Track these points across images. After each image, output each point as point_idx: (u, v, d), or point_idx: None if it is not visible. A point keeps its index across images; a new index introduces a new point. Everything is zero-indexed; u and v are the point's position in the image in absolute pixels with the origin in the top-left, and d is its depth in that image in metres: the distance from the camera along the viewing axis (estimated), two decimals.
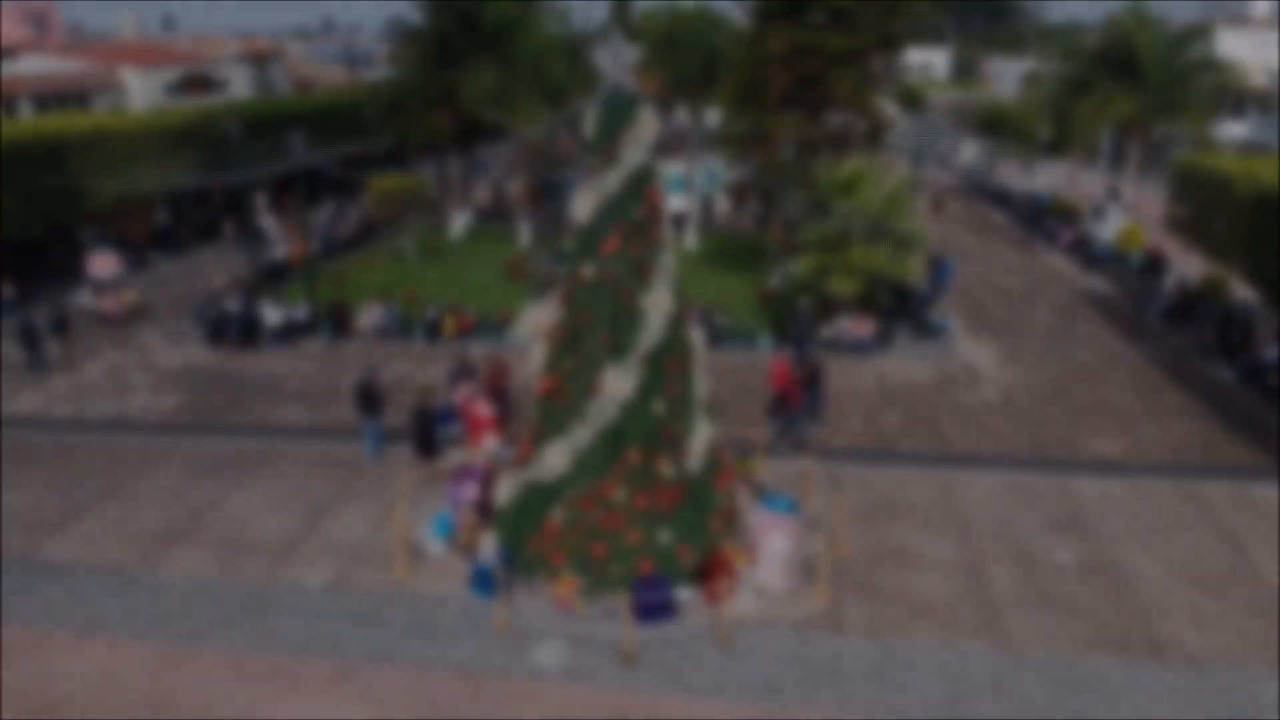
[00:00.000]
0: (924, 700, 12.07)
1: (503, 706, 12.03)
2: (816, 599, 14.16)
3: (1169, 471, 18.23)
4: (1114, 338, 25.98)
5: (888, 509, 16.86)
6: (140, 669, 12.81)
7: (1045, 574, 14.83)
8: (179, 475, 18.38)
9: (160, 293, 32.00)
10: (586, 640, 13.30)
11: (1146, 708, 11.89)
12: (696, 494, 14.78)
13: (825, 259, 24.56)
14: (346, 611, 14.03)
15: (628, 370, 13.96)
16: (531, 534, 14.62)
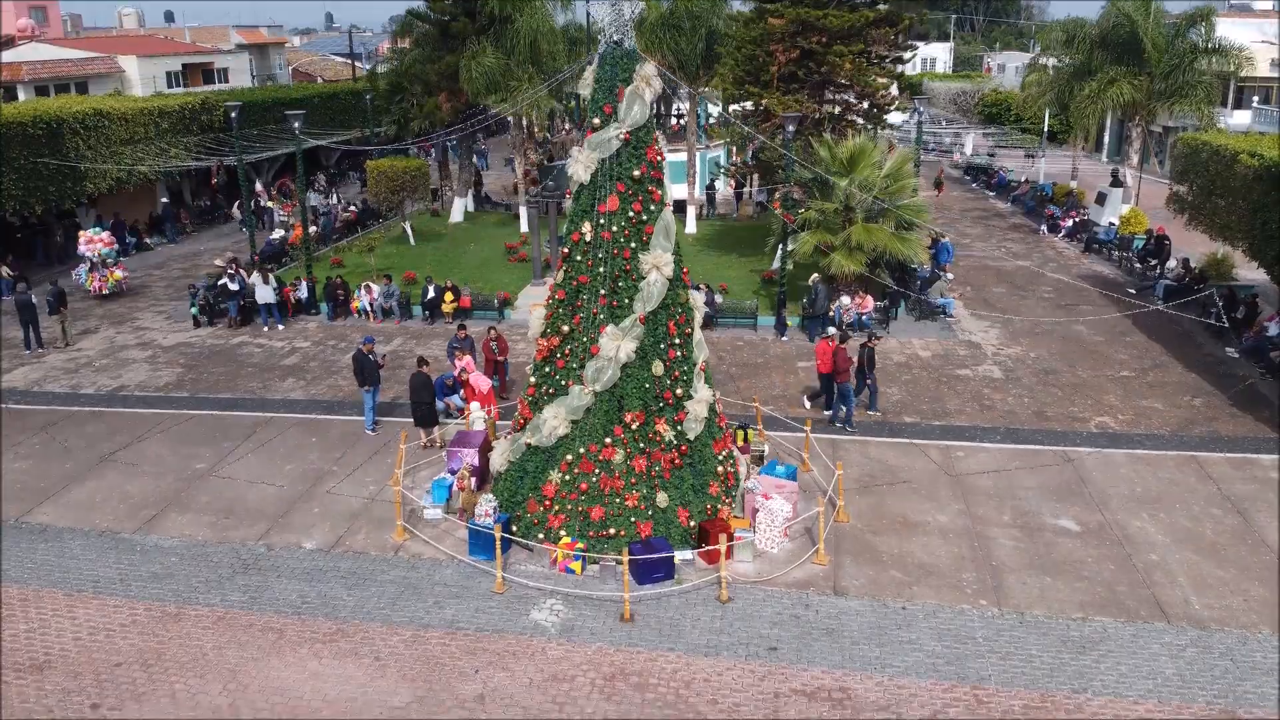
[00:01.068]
0: (925, 659, 11.91)
1: (499, 663, 11.88)
2: (816, 561, 14.01)
3: (1172, 442, 18.07)
4: (1117, 317, 25.80)
5: (888, 478, 16.70)
6: (130, 626, 12.67)
7: (1048, 539, 14.66)
8: (173, 445, 18.24)
9: (158, 274, 31.94)
10: (584, 600, 13.15)
11: (1150, 667, 11.73)
12: (695, 458, 14.64)
13: (827, 237, 24.39)
14: (341, 572, 13.89)
15: (627, 332, 13.83)
16: (529, 497, 14.48)
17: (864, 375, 19.03)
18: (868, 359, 18.93)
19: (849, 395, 18.64)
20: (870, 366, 19.00)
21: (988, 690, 11.35)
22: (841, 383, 18.50)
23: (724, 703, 11.15)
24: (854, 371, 18.75)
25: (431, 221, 38.19)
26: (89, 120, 32.04)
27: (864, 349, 19.02)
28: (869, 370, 19.02)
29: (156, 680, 11.60)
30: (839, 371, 18.36)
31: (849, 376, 18.54)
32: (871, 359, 19.03)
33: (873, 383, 19.23)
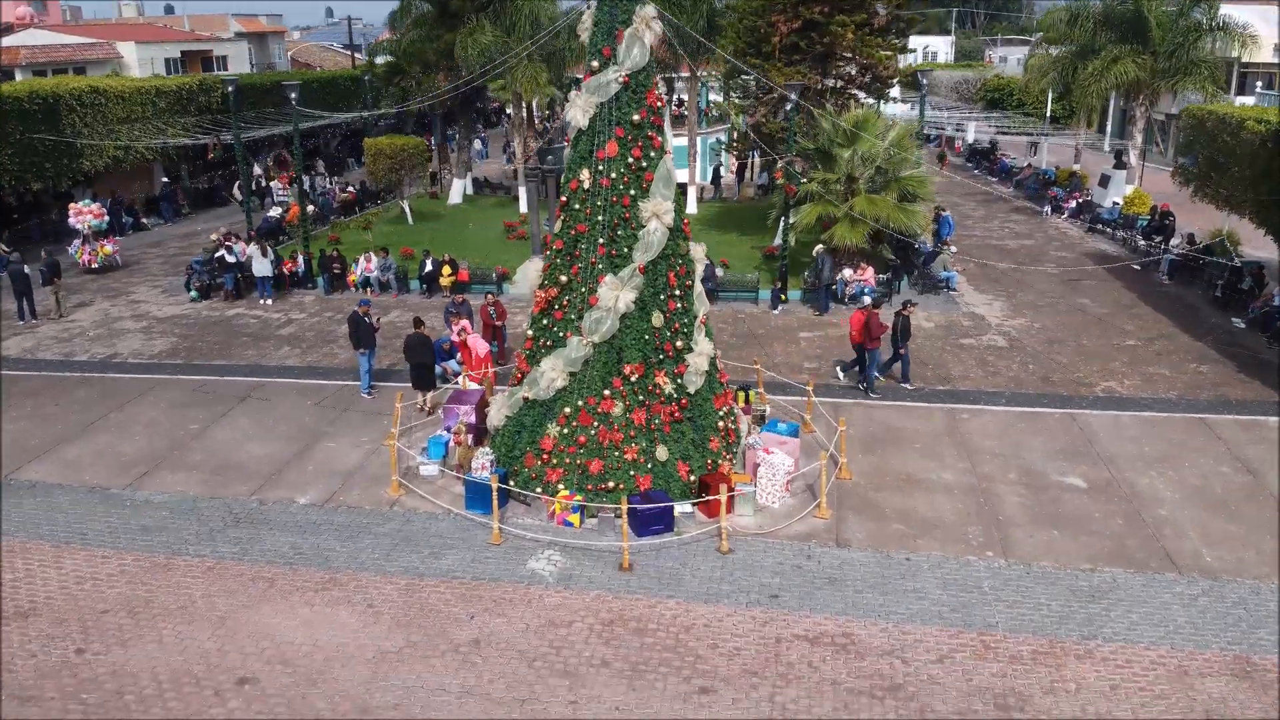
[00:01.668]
0: (930, 606, 11.64)
1: (495, 610, 11.61)
2: (818, 515, 13.74)
3: (1180, 406, 17.80)
4: (1122, 291, 25.54)
5: (892, 438, 16.43)
6: (118, 576, 12.40)
7: (1054, 495, 14.40)
8: (166, 407, 17.98)
9: (154, 252, 31.69)
10: (583, 551, 12.89)
11: (1162, 615, 11.46)
12: (695, 412, 14.38)
13: (829, 208, 24.14)
14: (335, 525, 13.63)
15: (626, 281, 13.56)
16: (527, 451, 14.22)
17: (897, 344, 18.51)
18: (902, 327, 18.37)
19: (875, 360, 18.22)
20: (904, 335, 18.44)
21: (995, 636, 11.08)
22: (872, 348, 18.03)
23: (725, 647, 10.88)
24: (888, 340, 18.33)
25: (430, 203, 37.94)
26: (86, 97, 31.82)
27: (899, 317, 18.47)
28: (903, 339, 18.46)
29: (144, 626, 11.34)
30: (871, 338, 17.88)
31: (880, 344, 18.10)
32: (906, 327, 18.45)
33: (906, 353, 18.66)
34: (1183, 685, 10.24)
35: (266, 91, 41.07)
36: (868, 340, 17.96)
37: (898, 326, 18.37)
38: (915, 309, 19.56)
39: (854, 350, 18.68)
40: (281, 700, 10.06)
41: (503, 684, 10.29)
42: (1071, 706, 9.91)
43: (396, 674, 10.47)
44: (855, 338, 18.27)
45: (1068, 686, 10.22)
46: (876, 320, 17.84)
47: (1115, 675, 10.40)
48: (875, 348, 18.10)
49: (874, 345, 18.04)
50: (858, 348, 18.44)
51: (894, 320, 18.47)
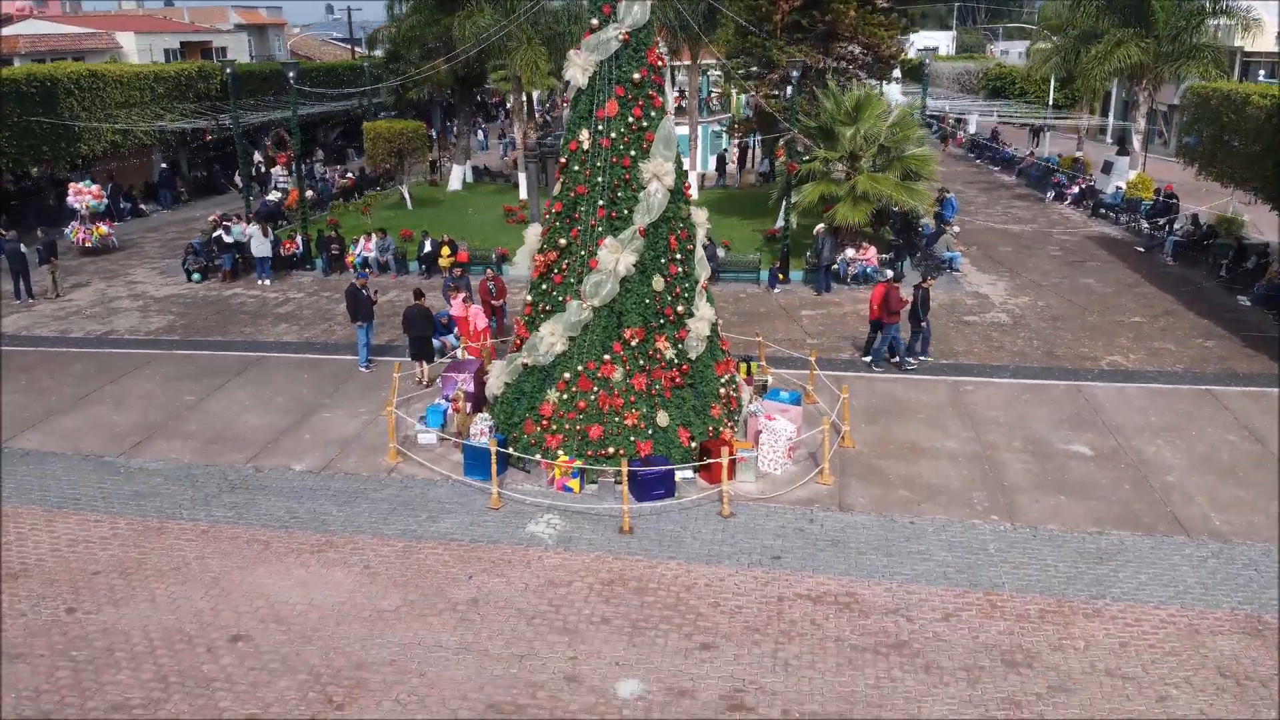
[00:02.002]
0: (935, 567, 11.46)
1: (494, 570, 11.43)
2: (820, 482, 13.56)
3: (1186, 378, 17.61)
4: (1126, 272, 25.36)
5: (895, 409, 16.25)
6: (110, 539, 12.22)
7: (1060, 463, 14.21)
8: (162, 381, 17.80)
9: (153, 236, 31.52)
10: (583, 515, 12.71)
11: (1171, 576, 11.27)
12: (697, 379, 14.19)
13: (831, 187, 23.96)
14: (331, 491, 13.45)
15: (626, 244, 13.37)
16: (526, 417, 14.04)
17: (918, 319, 18.16)
18: (922, 301, 18.07)
19: (896, 335, 17.92)
20: (924, 309, 18.12)
21: (1001, 595, 10.90)
22: (890, 323, 17.72)
23: (726, 605, 10.70)
24: (907, 314, 18.01)
25: (429, 190, 37.76)
26: (84, 81, 31.65)
27: (919, 290, 18.19)
28: (923, 313, 18.14)
29: (135, 586, 11.16)
30: (889, 313, 17.56)
31: (899, 319, 17.80)
32: (926, 301, 18.15)
33: (926, 327, 18.33)
34: (1193, 643, 10.05)
35: (265, 79, 40.95)
36: (885, 314, 17.64)
37: (918, 300, 18.06)
38: (934, 282, 19.28)
39: (871, 326, 18.31)
40: (275, 656, 9.88)
41: (501, 640, 10.11)
42: (1080, 663, 9.72)
43: (393, 631, 10.29)
44: (875, 313, 17.90)
45: (1076, 644, 10.04)
46: (896, 294, 17.56)
47: (1124, 633, 10.22)
48: (894, 322, 17.77)
49: (892, 320, 17.72)
50: (875, 323, 18.09)
51: (914, 294, 18.18)
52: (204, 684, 9.47)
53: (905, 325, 18.29)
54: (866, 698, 9.23)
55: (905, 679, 9.50)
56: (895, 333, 17.94)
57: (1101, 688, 9.36)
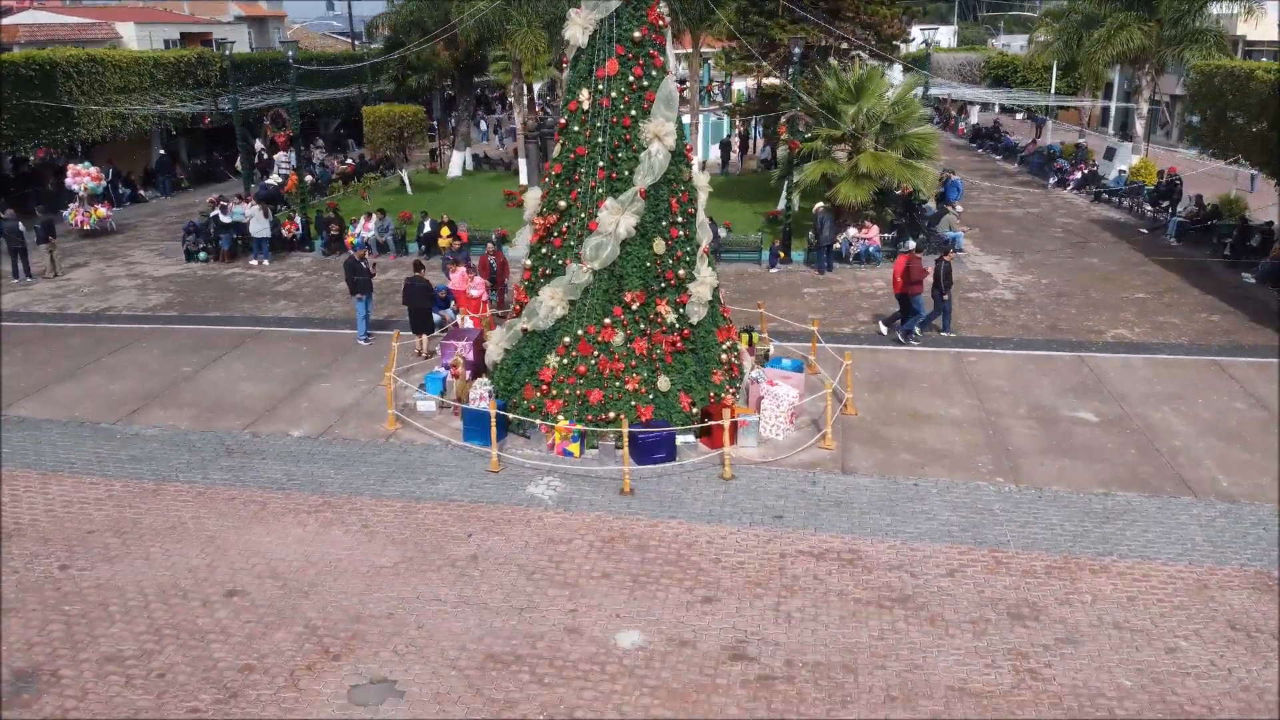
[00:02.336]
0: (939, 526, 11.32)
1: (494, 529, 11.29)
2: (823, 446, 13.42)
3: (1192, 350, 17.46)
4: (1130, 251, 25.21)
5: (898, 379, 16.11)
6: (105, 500, 12.10)
7: (1065, 429, 14.06)
8: (160, 353, 17.67)
9: (152, 220, 31.40)
10: (583, 477, 12.59)
11: (1179, 534, 11.12)
12: (698, 344, 14.04)
13: (833, 166, 23.82)
14: (329, 456, 13.33)
15: (626, 205, 13.23)
16: (526, 383, 13.90)
17: (940, 291, 17.88)
18: (944, 274, 17.75)
19: (920, 309, 17.67)
20: (947, 283, 17.84)
21: (1007, 553, 10.75)
22: (914, 294, 17.43)
23: (728, 561, 10.56)
24: (929, 287, 17.75)
25: (429, 177, 37.64)
26: (83, 65, 31.53)
27: (940, 263, 17.85)
28: (945, 286, 17.83)
29: (130, 545, 11.03)
30: (912, 283, 17.25)
31: (922, 289, 17.51)
32: (948, 274, 17.84)
33: (948, 300, 18.07)
34: (1202, 598, 9.90)
35: (265, 67, 40.85)
36: (909, 285, 17.34)
37: (939, 273, 17.73)
38: (956, 255, 19.03)
39: (897, 300, 18.02)
40: (271, 610, 9.74)
41: (500, 594, 9.97)
42: (1087, 616, 9.58)
43: (391, 586, 10.15)
44: (898, 285, 17.60)
45: (1083, 598, 9.89)
46: (918, 264, 17.27)
47: (1132, 588, 10.07)
48: (917, 293, 17.46)
49: (916, 290, 17.40)
50: (900, 297, 17.79)
51: (935, 267, 17.88)
52: (198, 636, 9.34)
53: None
54: (871, 648, 9.09)
55: (910, 631, 9.36)
56: (920, 304, 17.60)
57: (1110, 640, 9.21)
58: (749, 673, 8.75)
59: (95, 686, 8.63)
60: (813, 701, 8.37)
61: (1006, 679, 8.67)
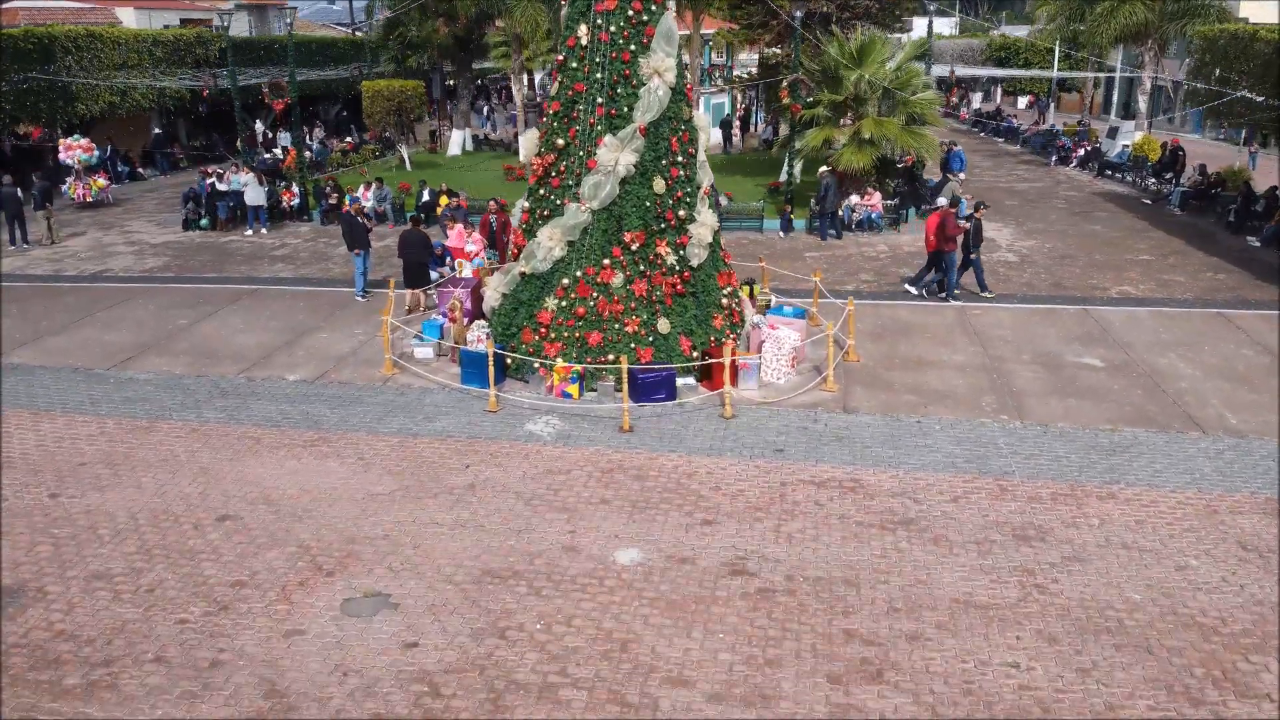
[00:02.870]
0: (943, 458, 11.14)
1: (492, 462, 11.12)
2: (825, 389, 13.24)
3: (1198, 304, 17.28)
4: (1134, 220, 25.01)
5: (901, 330, 15.93)
6: (98, 436, 11.94)
7: (1070, 373, 13.88)
8: (155, 309, 17.51)
9: (151, 195, 31.23)
10: (582, 416, 12.42)
11: (1187, 465, 10.94)
12: (699, 288, 13.86)
13: (834, 132, 23.64)
14: (325, 397, 13.17)
15: (626, 142, 13.06)
16: (525, 326, 13.72)
17: (969, 250, 17.48)
18: (974, 232, 17.37)
19: (952, 265, 17.26)
20: (977, 242, 17.46)
21: (1012, 481, 10.58)
22: (949, 251, 17.04)
23: (728, 489, 10.39)
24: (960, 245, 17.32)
25: (429, 156, 37.47)
26: (82, 41, 31.40)
27: (970, 219, 17.47)
28: (975, 245, 17.47)
29: (122, 475, 10.87)
30: (946, 239, 16.86)
31: (956, 246, 17.10)
32: (979, 231, 17.47)
33: (977, 259, 17.66)
34: (1212, 521, 9.73)
35: (265, 49, 40.73)
36: (943, 243, 16.94)
37: (969, 231, 17.34)
38: (987, 211, 18.67)
39: (929, 258, 17.63)
40: (264, 533, 9.58)
41: (498, 518, 9.81)
42: (1095, 537, 9.40)
43: (387, 511, 9.99)
44: (931, 243, 17.20)
45: (1090, 521, 9.71)
46: (952, 220, 16.88)
47: (1140, 513, 9.89)
48: (951, 250, 17.07)
49: (950, 248, 17.02)
50: (933, 255, 17.39)
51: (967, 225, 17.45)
52: (189, 556, 9.18)
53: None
54: (873, 565, 8.92)
55: (913, 550, 9.19)
56: (954, 262, 17.22)
57: (1118, 558, 9.04)
58: (749, 586, 8.58)
59: (82, 601, 8.47)
60: (814, 612, 8.20)
61: (1012, 593, 8.49)
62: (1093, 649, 7.70)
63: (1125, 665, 7.51)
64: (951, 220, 16.96)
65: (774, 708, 7.02)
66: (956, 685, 7.29)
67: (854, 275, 19.66)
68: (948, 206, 17.33)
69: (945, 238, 16.94)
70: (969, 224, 17.38)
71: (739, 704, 7.07)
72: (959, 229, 17.05)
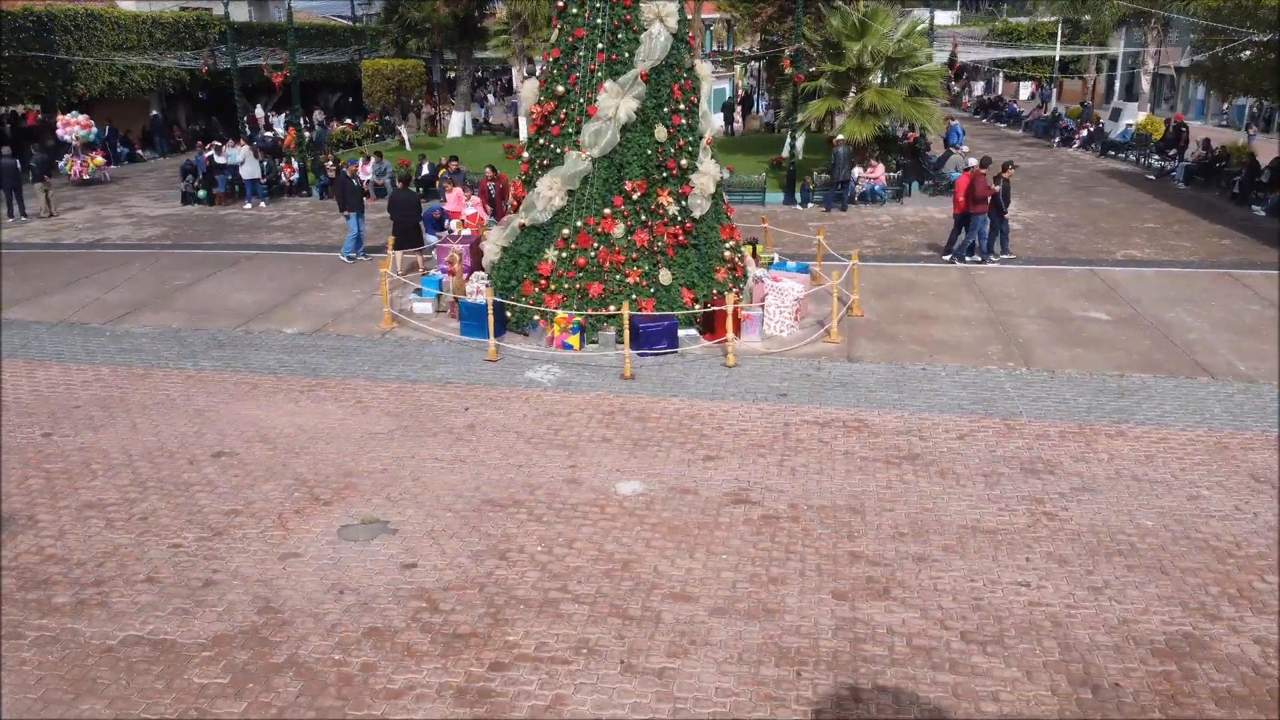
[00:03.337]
0: (949, 401, 10.98)
1: (493, 405, 10.97)
2: (828, 340, 13.09)
3: (1204, 265, 17.11)
4: (1137, 193, 24.85)
5: (905, 288, 15.78)
6: (93, 382, 11.80)
7: (1078, 325, 13.72)
8: (153, 271, 17.38)
9: (150, 175, 31.10)
10: (583, 365, 12.27)
11: (1196, 406, 10.78)
12: (701, 240, 13.70)
13: (837, 103, 23.49)
14: (324, 348, 13.03)
15: (627, 88, 12.90)
16: (525, 279, 13.57)
17: (999, 212, 16.97)
18: (1003, 193, 16.89)
19: (983, 228, 16.91)
20: (1005, 202, 16.99)
21: (1019, 421, 10.42)
22: (978, 213, 16.68)
23: (730, 428, 10.24)
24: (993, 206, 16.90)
25: (429, 138, 37.34)
26: (81, 20, 31.27)
27: (999, 180, 16.93)
28: (1004, 206, 16.98)
29: (117, 416, 10.73)
30: (976, 201, 16.49)
31: (987, 207, 16.69)
32: (1007, 193, 16.98)
33: (1005, 222, 17.29)
34: (1223, 456, 9.56)
35: (264, 34, 40.58)
36: (972, 204, 16.60)
37: (999, 193, 16.91)
38: (1015, 171, 18.33)
39: (955, 221, 17.33)
40: (260, 467, 9.43)
41: (499, 454, 9.66)
42: (1105, 470, 9.24)
43: (385, 448, 9.84)
44: (960, 205, 16.86)
45: (1100, 456, 9.55)
46: (983, 181, 16.49)
47: (1151, 449, 9.73)
48: (981, 212, 16.69)
49: (980, 210, 16.65)
50: (960, 217, 17.09)
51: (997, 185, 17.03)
52: (183, 488, 9.03)
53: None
54: (878, 495, 8.77)
55: (919, 482, 9.03)
56: (984, 225, 16.85)
57: (1129, 489, 8.88)
58: (752, 514, 8.43)
59: (73, 528, 8.32)
60: (818, 536, 8.04)
61: (1021, 519, 8.34)
62: (1104, 569, 7.55)
63: (1139, 584, 7.35)
64: (982, 181, 16.54)
65: (778, 620, 6.87)
66: (965, 601, 7.13)
67: (858, 242, 19.48)
68: (978, 168, 16.94)
69: (975, 199, 16.56)
70: (998, 186, 17.04)
71: (742, 617, 6.92)
72: (989, 191, 16.60)
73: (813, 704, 6.05)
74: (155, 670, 6.43)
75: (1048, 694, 6.15)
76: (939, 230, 20.44)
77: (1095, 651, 6.55)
